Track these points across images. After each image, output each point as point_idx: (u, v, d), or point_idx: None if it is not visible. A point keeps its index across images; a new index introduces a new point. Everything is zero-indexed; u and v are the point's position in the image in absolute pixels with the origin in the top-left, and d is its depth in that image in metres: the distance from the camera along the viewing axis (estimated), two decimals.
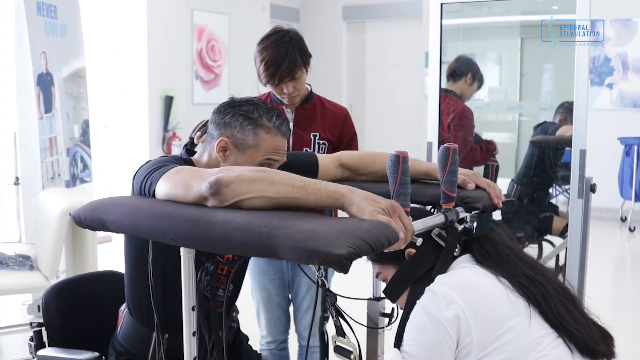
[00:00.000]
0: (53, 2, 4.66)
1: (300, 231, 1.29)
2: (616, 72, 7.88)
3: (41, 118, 4.46)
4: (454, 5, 3.89)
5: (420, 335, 1.64)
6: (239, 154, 1.86)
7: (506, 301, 1.65)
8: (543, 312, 1.66)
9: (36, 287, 3.84)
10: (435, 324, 1.61)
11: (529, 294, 1.67)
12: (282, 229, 1.31)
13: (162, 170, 1.65)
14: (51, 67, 4.62)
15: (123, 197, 1.70)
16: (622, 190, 7.58)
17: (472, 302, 1.63)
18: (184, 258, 1.54)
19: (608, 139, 7.53)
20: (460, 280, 1.70)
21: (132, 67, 7.46)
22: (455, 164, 1.73)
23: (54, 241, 3.77)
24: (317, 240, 1.25)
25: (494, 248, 1.78)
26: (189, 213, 1.46)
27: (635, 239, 7.25)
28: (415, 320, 1.66)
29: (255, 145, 1.85)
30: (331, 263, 1.22)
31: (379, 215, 1.39)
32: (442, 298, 1.63)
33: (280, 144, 1.89)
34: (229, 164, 1.83)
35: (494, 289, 1.68)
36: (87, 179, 5.17)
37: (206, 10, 8.08)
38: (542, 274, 1.75)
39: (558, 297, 1.70)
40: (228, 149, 1.86)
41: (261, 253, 1.34)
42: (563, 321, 1.66)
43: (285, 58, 2.58)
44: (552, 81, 5.24)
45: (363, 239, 1.27)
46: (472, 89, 4.05)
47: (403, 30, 9.40)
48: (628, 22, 7.70)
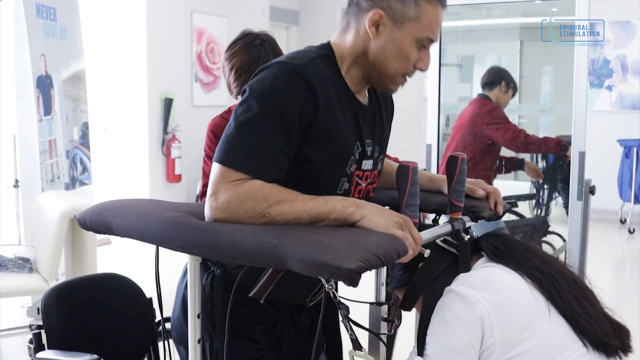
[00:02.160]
0: (52, 4, 4.66)
1: (310, 243, 1.28)
2: (615, 74, 7.88)
3: (40, 120, 4.46)
4: (453, 8, 3.90)
5: (444, 337, 1.60)
6: (395, 28, 1.58)
7: (531, 301, 1.61)
8: (556, 305, 1.62)
9: (36, 289, 3.84)
10: (460, 326, 1.57)
11: (542, 286, 1.64)
12: (292, 240, 1.29)
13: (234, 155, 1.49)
14: (50, 70, 4.62)
15: (131, 200, 1.67)
16: (622, 192, 7.58)
17: (495, 303, 1.58)
18: (190, 266, 1.53)
19: (607, 141, 7.53)
20: (483, 280, 1.66)
21: (132, 69, 7.46)
22: (464, 174, 1.72)
23: (53, 244, 3.76)
24: (327, 253, 1.23)
25: (504, 243, 1.74)
26: (198, 221, 1.45)
27: (634, 240, 7.25)
28: (438, 322, 1.62)
29: (417, 18, 1.57)
30: (341, 277, 1.21)
31: (394, 229, 1.38)
32: (465, 299, 1.59)
33: (440, 18, 1.62)
34: (381, 42, 1.59)
35: (517, 288, 1.64)
36: (87, 181, 5.17)
37: (206, 12, 8.08)
38: (553, 266, 1.71)
39: (570, 290, 1.65)
40: (382, 23, 1.58)
41: (270, 264, 1.32)
42: (575, 314, 1.61)
43: (258, 63, 2.31)
44: (552, 83, 5.24)
45: (373, 252, 1.27)
46: (507, 96, 4.23)
47: None
48: (627, 24, 7.71)
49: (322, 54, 1.62)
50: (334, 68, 1.62)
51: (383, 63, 1.61)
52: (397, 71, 1.62)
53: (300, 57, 1.57)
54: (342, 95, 1.61)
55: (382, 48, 1.59)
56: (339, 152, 1.59)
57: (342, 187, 1.63)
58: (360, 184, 1.69)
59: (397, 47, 1.59)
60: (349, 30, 1.63)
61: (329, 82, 1.57)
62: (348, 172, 1.63)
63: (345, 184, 1.64)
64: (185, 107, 7.87)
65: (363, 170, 1.68)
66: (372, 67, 1.63)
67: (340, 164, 1.61)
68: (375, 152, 1.72)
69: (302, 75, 1.51)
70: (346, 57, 1.63)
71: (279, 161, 1.49)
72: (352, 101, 1.64)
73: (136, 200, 1.70)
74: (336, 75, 1.62)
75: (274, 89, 1.50)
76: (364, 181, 1.70)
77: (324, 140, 1.55)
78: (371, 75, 1.65)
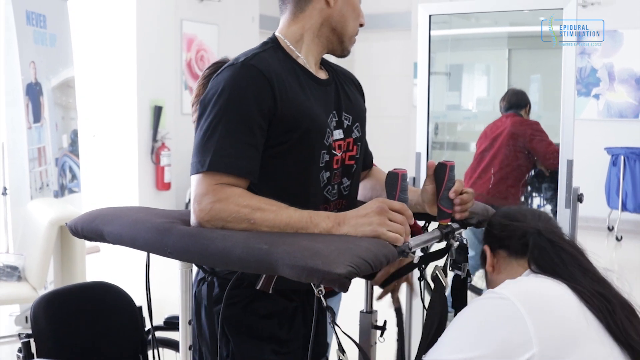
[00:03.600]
0: (42, 11, 4.66)
1: (300, 249, 1.29)
2: (603, 83, 7.94)
3: (30, 128, 4.45)
4: (442, 17, 3.92)
5: (461, 330, 1.55)
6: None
7: (580, 320, 1.53)
8: (609, 328, 1.54)
9: (24, 298, 3.82)
10: (486, 320, 1.52)
11: (595, 307, 1.55)
12: (282, 246, 1.31)
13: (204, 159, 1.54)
14: (40, 77, 4.61)
15: (122, 208, 1.69)
16: (609, 200, 7.62)
17: (538, 315, 1.49)
18: (180, 272, 1.54)
19: (595, 149, 7.58)
20: (528, 291, 1.58)
21: (121, 77, 7.46)
22: (452, 181, 1.72)
23: (42, 252, 3.75)
24: (317, 259, 1.25)
25: (555, 252, 1.68)
26: (189, 227, 1.47)
27: (622, 248, 7.30)
28: (462, 318, 1.57)
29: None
30: (331, 282, 1.23)
31: (380, 230, 1.41)
32: (502, 300, 1.52)
33: None
34: (339, 7, 1.75)
35: (567, 303, 1.55)
36: (76, 189, 5.15)
37: (196, 20, 8.09)
38: (607, 287, 1.63)
39: (624, 314, 1.58)
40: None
41: (261, 270, 1.34)
42: (630, 339, 1.54)
43: None
44: (540, 92, 5.27)
45: (362, 257, 1.28)
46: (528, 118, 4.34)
47: (391, 41, 9.44)
48: (614, 33, 7.77)
49: (268, 47, 1.72)
50: (285, 55, 1.72)
51: (345, 25, 1.77)
52: (354, 29, 1.80)
53: (243, 55, 1.66)
54: (300, 75, 1.70)
55: (341, 11, 1.75)
56: (312, 127, 1.65)
57: (323, 160, 1.70)
58: (335, 154, 1.74)
59: (352, 6, 1.77)
60: (301, 13, 1.75)
61: (281, 68, 1.65)
62: (327, 144, 1.69)
63: (326, 156, 1.70)
64: (175, 114, 7.87)
65: (335, 139, 1.74)
66: (332, 34, 1.77)
67: (317, 138, 1.67)
68: (345, 121, 1.79)
69: (249, 68, 1.59)
70: (305, 37, 1.76)
71: (247, 154, 1.54)
72: (312, 79, 1.74)
73: (128, 207, 1.71)
74: (289, 60, 1.71)
75: (225, 89, 1.57)
76: (339, 151, 1.75)
77: (295, 120, 1.61)
78: (332, 43, 1.80)
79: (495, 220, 1.83)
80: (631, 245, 7.36)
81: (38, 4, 4.63)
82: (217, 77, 1.62)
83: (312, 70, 1.77)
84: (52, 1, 4.87)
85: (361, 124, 1.86)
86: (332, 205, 1.78)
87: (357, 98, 1.91)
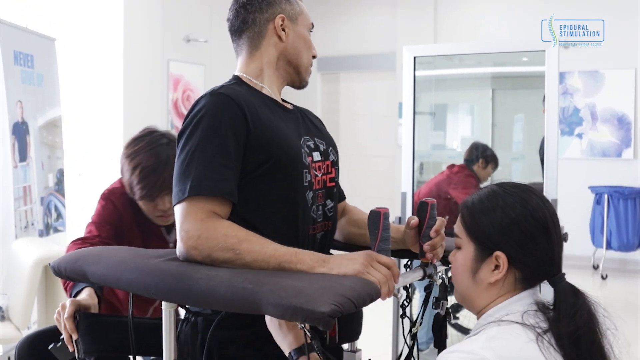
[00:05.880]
0: (30, 51, 4.68)
1: (284, 288, 1.30)
2: (585, 122, 8.04)
3: (16, 167, 4.44)
4: (426, 58, 3.98)
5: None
6: (294, 25, 1.85)
7: None
8: None
9: (7, 338, 3.77)
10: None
11: None
12: (266, 286, 1.31)
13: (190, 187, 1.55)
14: (27, 116, 4.62)
15: (106, 248, 1.71)
16: (594, 239, 7.66)
17: None
18: (165, 312, 1.53)
19: (579, 188, 7.64)
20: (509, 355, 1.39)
21: (108, 116, 7.46)
22: (434, 219, 1.73)
23: (26, 291, 3.71)
24: (301, 298, 1.26)
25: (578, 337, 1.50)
26: (173, 267, 1.46)
27: (607, 286, 7.31)
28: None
29: (301, 11, 1.88)
30: (315, 320, 1.23)
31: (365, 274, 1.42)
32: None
33: None
34: (291, 40, 1.83)
35: None
36: (61, 228, 5.12)
37: (182, 60, 8.14)
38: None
39: None
40: (285, 26, 1.83)
41: (245, 309, 1.34)
42: None
43: (167, 165, 2.28)
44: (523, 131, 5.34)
45: (346, 296, 1.29)
46: (487, 171, 4.42)
47: (376, 81, 9.53)
48: (595, 74, 7.90)
49: (232, 83, 1.79)
50: (249, 87, 1.78)
51: (299, 57, 1.85)
52: (308, 60, 1.88)
53: (214, 88, 1.71)
54: (268, 102, 1.76)
55: (294, 44, 1.83)
56: (288, 145, 1.69)
57: (306, 180, 1.72)
58: (317, 174, 1.78)
59: (303, 39, 1.85)
60: (257, 50, 1.82)
61: (249, 96, 1.71)
62: (306, 164, 1.73)
63: (307, 175, 1.73)
64: None
65: (315, 161, 1.79)
66: (289, 66, 1.85)
67: (296, 157, 1.70)
68: (320, 145, 1.85)
69: (219, 95, 1.65)
70: (265, 71, 1.82)
71: (225, 176, 1.56)
72: (279, 106, 1.81)
73: (112, 247, 1.72)
74: (254, 91, 1.77)
75: (201, 117, 1.61)
76: (319, 171, 1.80)
77: (270, 140, 1.65)
78: (290, 75, 1.87)
79: (518, 219, 1.56)
80: (616, 283, 7.39)
81: (26, 44, 4.65)
82: (192, 109, 1.67)
83: (278, 99, 1.84)
84: (40, 41, 4.90)
85: (334, 149, 1.92)
86: (319, 227, 1.79)
87: (323, 128, 1.99)
